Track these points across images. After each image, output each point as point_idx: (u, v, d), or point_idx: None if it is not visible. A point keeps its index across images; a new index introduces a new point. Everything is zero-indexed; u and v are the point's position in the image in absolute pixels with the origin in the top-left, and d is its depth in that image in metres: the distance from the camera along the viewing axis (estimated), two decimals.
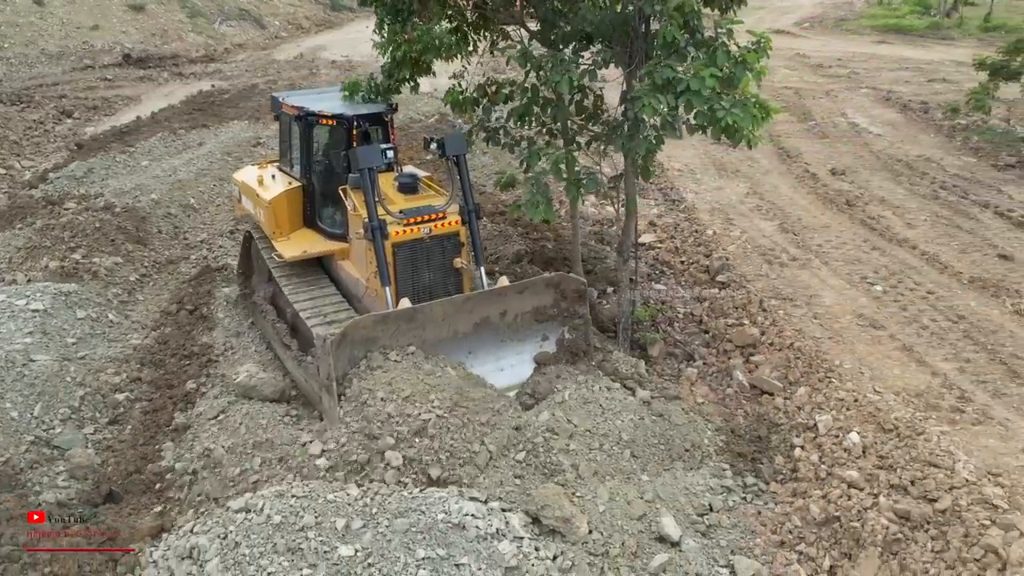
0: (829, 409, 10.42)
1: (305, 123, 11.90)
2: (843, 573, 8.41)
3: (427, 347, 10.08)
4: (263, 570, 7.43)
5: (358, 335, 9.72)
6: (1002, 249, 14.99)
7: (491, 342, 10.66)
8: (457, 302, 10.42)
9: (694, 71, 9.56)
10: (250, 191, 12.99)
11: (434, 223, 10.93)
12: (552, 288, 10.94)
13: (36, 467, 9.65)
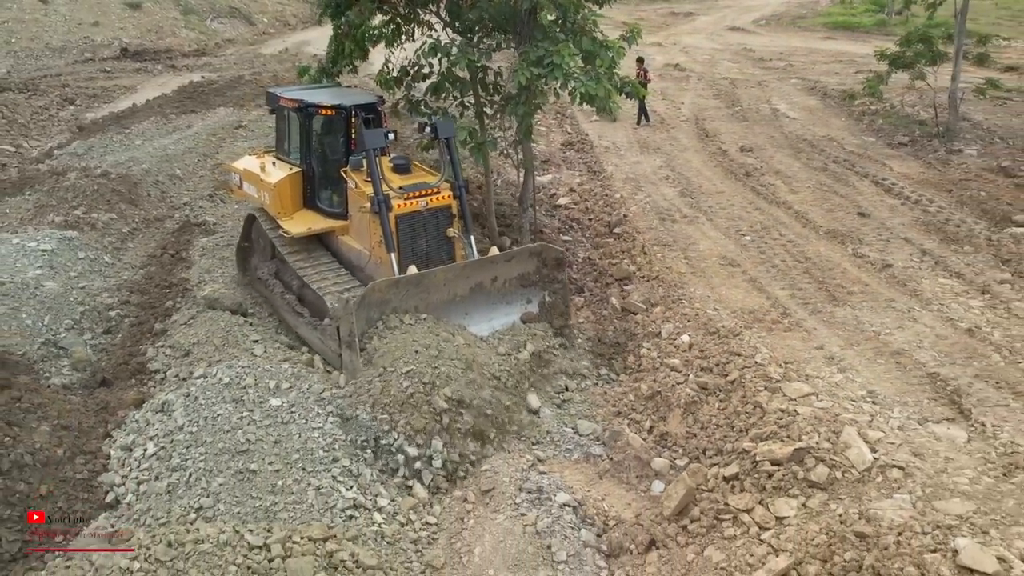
0: (675, 321, 13.13)
1: (305, 114, 13.38)
2: (658, 429, 11.13)
3: (430, 309, 11.64)
4: (215, 414, 10.16)
5: (375, 297, 11.22)
6: (863, 209, 17.67)
7: (484, 304, 12.25)
8: (456, 269, 12.02)
9: (559, 51, 12.21)
10: (253, 177, 14.38)
11: (430, 197, 12.50)
12: (535, 256, 12.61)
13: (46, 360, 12.36)
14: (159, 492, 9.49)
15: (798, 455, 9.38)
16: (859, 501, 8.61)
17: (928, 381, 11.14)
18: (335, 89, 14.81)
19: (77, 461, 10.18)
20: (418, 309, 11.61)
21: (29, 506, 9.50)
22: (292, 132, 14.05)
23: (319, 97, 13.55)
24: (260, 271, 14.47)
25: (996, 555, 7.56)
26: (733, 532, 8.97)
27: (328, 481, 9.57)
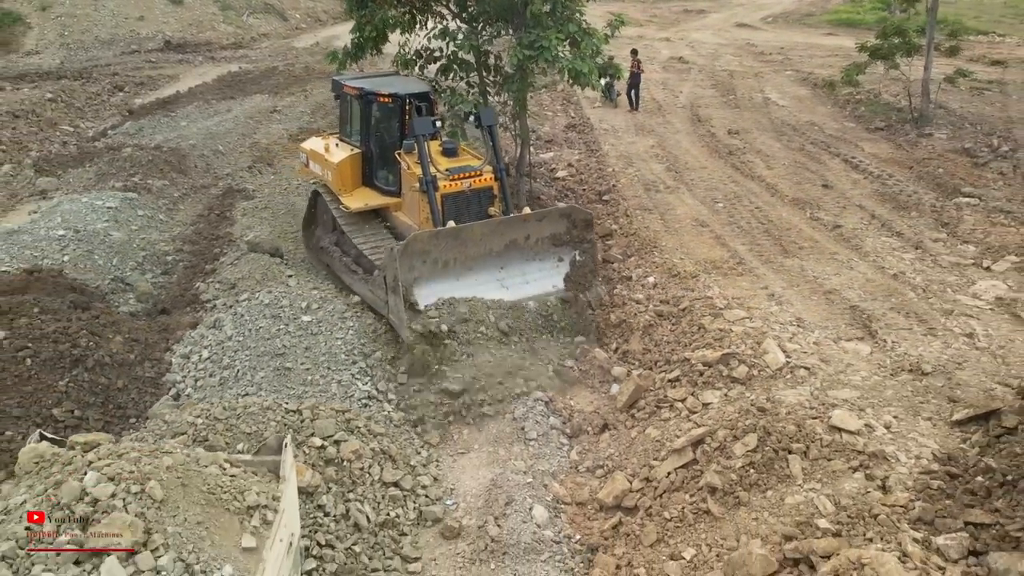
0: (644, 267, 15.37)
1: (365, 101, 14.85)
2: (622, 349, 13.38)
3: (467, 261, 12.82)
4: (257, 327, 12.58)
5: (417, 247, 12.33)
6: (828, 182, 19.80)
7: (518, 260, 13.40)
8: (492, 224, 13.17)
9: (547, 36, 14.49)
10: (318, 156, 15.82)
11: (473, 179, 13.74)
12: (565, 217, 13.71)
13: (115, 293, 14.83)
14: (213, 385, 11.90)
15: (725, 358, 11.62)
16: (768, 391, 10.82)
17: (849, 312, 13.32)
18: (393, 78, 16.38)
19: (145, 364, 12.63)
20: (457, 262, 12.82)
21: (110, 396, 11.97)
22: (353, 117, 15.55)
23: (378, 85, 15.00)
24: (322, 241, 15.94)
25: (864, 423, 9.76)
26: (668, 415, 11.24)
27: (348, 377, 11.95)
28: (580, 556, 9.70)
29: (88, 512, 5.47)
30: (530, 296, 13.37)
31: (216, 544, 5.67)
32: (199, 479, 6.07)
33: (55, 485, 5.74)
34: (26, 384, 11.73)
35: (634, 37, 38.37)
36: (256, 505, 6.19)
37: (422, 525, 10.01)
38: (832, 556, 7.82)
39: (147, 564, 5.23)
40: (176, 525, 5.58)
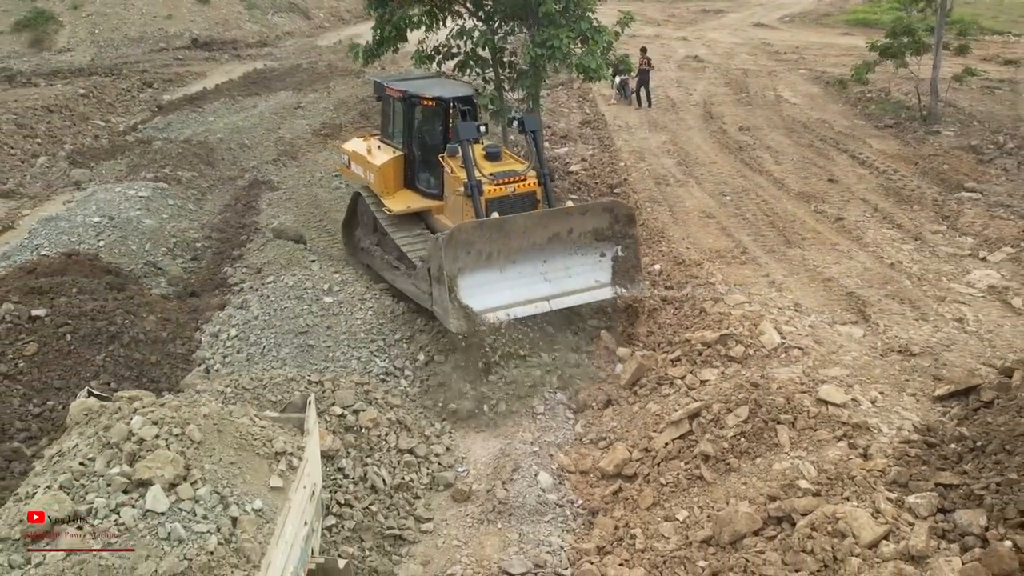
0: (651, 256, 16.02)
1: (408, 103, 14.80)
2: (627, 332, 14.04)
3: (511, 254, 12.75)
4: (282, 307, 13.35)
5: (461, 237, 12.23)
6: (834, 176, 20.36)
7: (561, 254, 13.30)
8: (535, 217, 13.04)
9: (558, 34, 15.17)
10: (360, 158, 15.79)
11: (517, 184, 13.69)
12: (608, 212, 13.53)
13: (148, 276, 15.64)
14: (240, 361, 12.68)
15: (723, 339, 12.27)
16: (762, 369, 11.46)
17: (846, 298, 13.92)
18: (435, 80, 16.39)
19: (177, 342, 13.40)
20: (500, 254, 12.73)
21: (144, 371, 12.76)
22: (396, 118, 15.49)
23: (421, 88, 14.94)
24: (363, 243, 15.92)
25: (851, 397, 10.39)
26: (668, 392, 11.91)
27: (367, 354, 12.70)
28: (581, 519, 10.39)
29: (135, 450, 6.19)
30: (572, 290, 13.30)
31: (247, 482, 6.39)
32: (232, 427, 6.80)
33: (105, 428, 6.48)
34: (66, 358, 12.56)
35: (651, 36, 39.01)
36: (283, 452, 6.91)
37: (434, 489, 10.73)
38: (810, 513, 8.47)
39: (187, 494, 5.95)
40: (212, 464, 6.30)
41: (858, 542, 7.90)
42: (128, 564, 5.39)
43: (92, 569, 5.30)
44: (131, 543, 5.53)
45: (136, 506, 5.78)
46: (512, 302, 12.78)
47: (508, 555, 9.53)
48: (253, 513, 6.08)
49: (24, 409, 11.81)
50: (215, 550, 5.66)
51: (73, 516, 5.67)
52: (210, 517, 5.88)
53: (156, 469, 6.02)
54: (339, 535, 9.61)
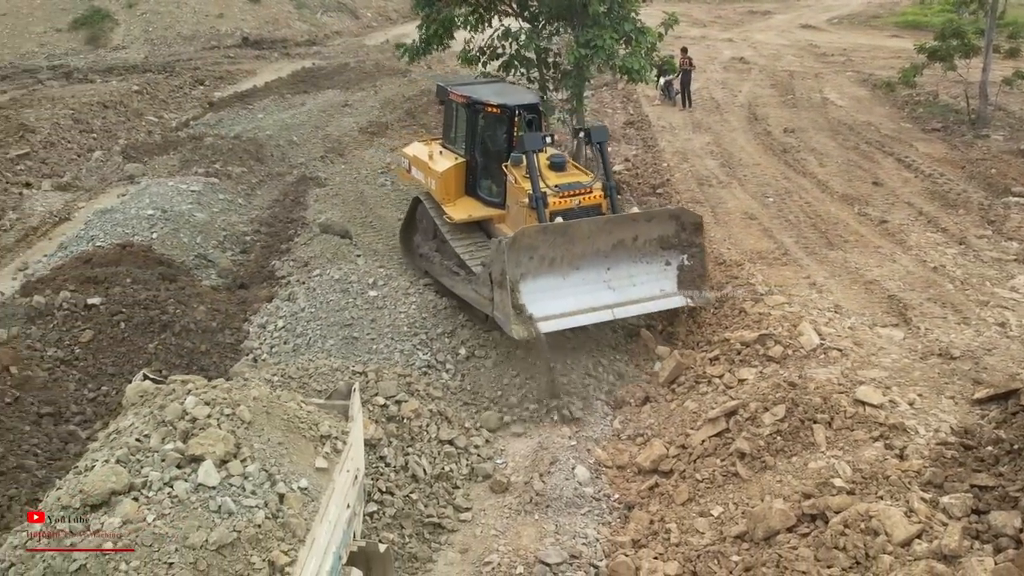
0: None
1: (472, 109, 14.61)
2: (668, 330, 14.16)
3: (574, 259, 12.50)
4: (328, 299, 13.68)
5: (524, 242, 12.01)
6: (879, 179, 20.27)
7: (625, 261, 12.97)
8: (600, 222, 12.74)
9: (602, 35, 15.33)
10: (422, 164, 15.54)
11: (582, 196, 13.40)
12: (674, 220, 13.23)
13: (199, 268, 16.07)
14: (287, 351, 13.01)
15: (762, 339, 12.36)
16: (800, 369, 11.53)
17: (887, 301, 13.91)
18: (499, 85, 16.22)
19: (226, 332, 13.79)
20: (563, 260, 12.45)
21: (194, 359, 13.15)
22: (459, 124, 15.23)
23: (486, 94, 14.78)
24: (422, 248, 15.67)
25: (888, 399, 10.44)
26: (706, 390, 12.03)
27: (409, 347, 12.97)
28: (617, 512, 10.55)
29: (188, 428, 6.50)
30: (635, 299, 13.06)
31: (294, 462, 6.66)
32: (280, 410, 7.09)
33: (160, 408, 6.79)
34: (120, 345, 13.00)
35: (697, 37, 38.98)
36: (328, 435, 7.18)
37: (473, 479, 10.96)
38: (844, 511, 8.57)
39: (237, 471, 6.23)
40: (261, 443, 6.58)
41: (891, 540, 7.98)
42: (180, 533, 5.67)
43: (146, 536, 5.60)
44: (183, 515, 5.81)
45: (188, 480, 6.07)
46: (574, 309, 12.54)
47: (544, 545, 9.73)
48: (299, 491, 6.35)
49: (79, 393, 12.25)
50: (263, 523, 5.92)
51: (129, 488, 5.97)
52: (258, 493, 6.15)
53: (208, 446, 6.31)
54: (380, 521, 9.87)
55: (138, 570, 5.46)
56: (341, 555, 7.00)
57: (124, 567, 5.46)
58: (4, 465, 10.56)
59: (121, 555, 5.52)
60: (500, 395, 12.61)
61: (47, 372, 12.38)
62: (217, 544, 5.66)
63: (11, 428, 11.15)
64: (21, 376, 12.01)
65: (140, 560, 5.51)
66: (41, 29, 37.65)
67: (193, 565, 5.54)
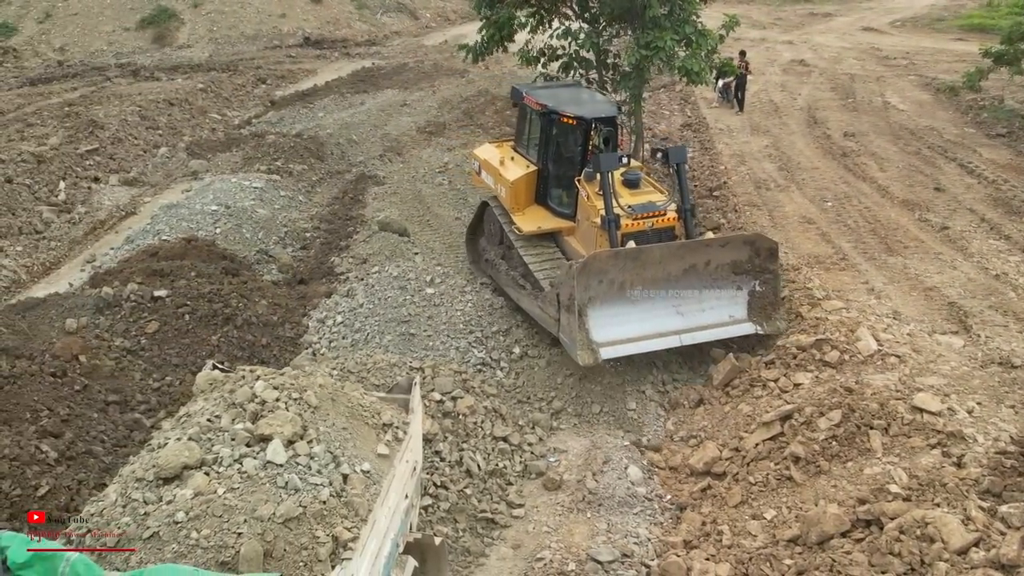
0: None
1: (548, 119, 14.15)
2: None
3: (645, 284, 12.34)
4: (386, 296, 13.92)
5: (595, 266, 11.99)
6: (941, 185, 19.97)
7: (696, 286, 12.75)
8: (672, 248, 12.58)
9: (662, 36, 15.36)
10: (492, 168, 15.22)
11: (655, 219, 12.99)
12: (748, 245, 12.98)
13: (260, 263, 16.43)
14: (345, 346, 13.26)
15: (819, 343, 12.29)
16: (857, 374, 11.47)
17: (947, 308, 13.76)
18: (576, 91, 15.65)
19: (286, 326, 14.10)
20: (633, 284, 12.34)
21: (255, 352, 13.45)
22: (532, 130, 14.86)
23: (562, 103, 14.24)
24: (488, 253, 15.46)
25: (946, 406, 10.34)
26: (760, 394, 12.01)
27: (465, 344, 13.15)
28: (669, 513, 10.61)
29: (257, 409, 6.78)
30: (705, 324, 12.88)
31: (357, 447, 6.88)
32: (344, 398, 7.31)
33: (230, 391, 7.07)
34: (184, 337, 13.37)
35: (756, 39, 38.65)
36: (390, 423, 7.39)
37: (527, 476, 11.09)
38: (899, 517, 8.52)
39: (303, 451, 6.50)
40: (326, 426, 6.83)
41: (947, 547, 7.93)
42: (249, 506, 5.94)
43: (217, 507, 5.88)
44: (251, 489, 6.08)
45: (257, 458, 6.34)
46: (640, 335, 12.44)
47: (596, 543, 9.81)
48: (362, 474, 6.59)
49: (144, 383, 12.62)
50: (327, 500, 6.17)
51: (200, 463, 6.27)
52: (323, 472, 6.39)
53: (276, 426, 6.58)
54: (434, 515, 10.04)
55: (208, 538, 5.74)
56: (398, 543, 7.17)
57: (195, 535, 5.75)
58: (73, 450, 10.92)
59: (192, 523, 5.82)
60: (553, 395, 12.71)
61: (114, 361, 12.76)
62: (284, 517, 5.92)
63: (80, 415, 11.52)
64: (90, 365, 12.39)
65: (211, 529, 5.79)
66: (110, 28, 38.60)
67: (261, 536, 5.79)
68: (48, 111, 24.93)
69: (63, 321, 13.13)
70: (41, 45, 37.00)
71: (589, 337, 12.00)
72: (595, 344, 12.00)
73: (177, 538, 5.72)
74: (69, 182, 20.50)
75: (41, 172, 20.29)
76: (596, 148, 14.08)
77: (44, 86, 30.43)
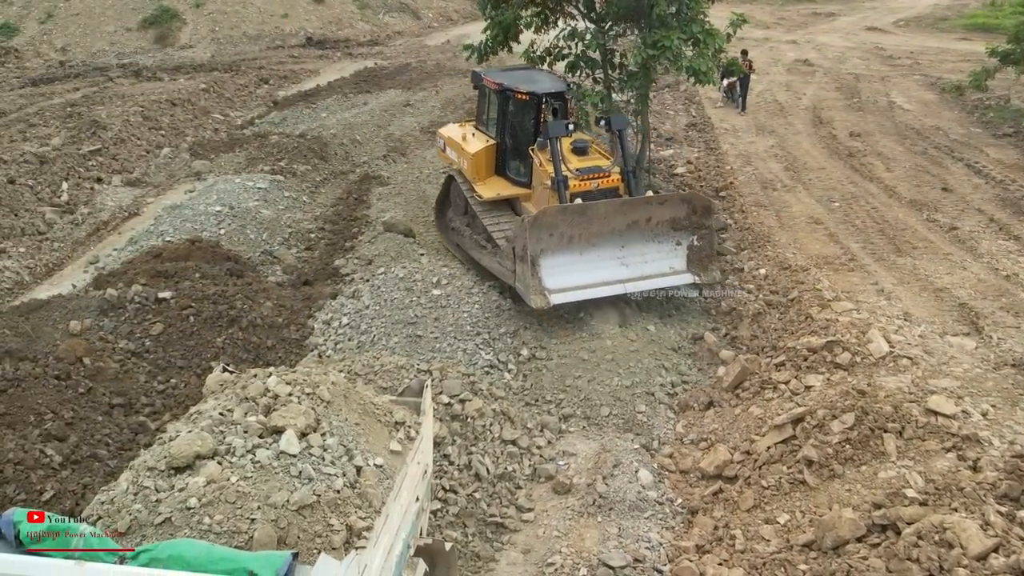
0: (756, 260, 15.95)
1: (503, 97, 15.65)
2: (732, 334, 14.05)
3: (591, 238, 13.53)
4: (392, 298, 13.80)
5: (545, 220, 13.21)
6: (948, 185, 19.85)
7: (639, 241, 14.00)
8: (615, 204, 13.80)
9: (669, 35, 15.23)
10: (455, 144, 16.64)
11: (601, 179, 14.36)
12: (685, 203, 14.20)
13: (264, 265, 16.32)
14: (351, 348, 13.15)
15: (829, 345, 12.18)
16: (870, 376, 11.34)
17: (958, 309, 13.64)
18: (530, 73, 17.07)
19: (291, 328, 13.98)
20: (581, 238, 13.52)
21: (260, 354, 13.34)
22: (490, 109, 16.32)
23: (516, 82, 15.73)
24: (454, 222, 16.88)
25: (961, 409, 10.22)
26: (771, 396, 11.89)
27: (472, 346, 13.02)
28: (681, 517, 10.49)
29: (270, 403, 6.74)
30: (647, 275, 13.97)
31: (370, 442, 6.80)
32: (356, 396, 7.24)
33: (242, 387, 7.00)
34: (189, 339, 13.26)
35: (760, 39, 38.52)
36: (402, 422, 7.33)
37: (536, 480, 10.97)
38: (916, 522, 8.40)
39: (317, 442, 6.45)
40: (339, 421, 6.77)
41: (966, 553, 7.82)
42: (263, 492, 5.89)
43: (230, 494, 5.84)
44: (264, 478, 6.04)
45: (271, 448, 6.28)
46: (589, 283, 13.59)
47: (607, 548, 9.70)
48: (375, 467, 6.55)
49: (149, 385, 12.51)
50: (341, 490, 6.12)
51: (213, 453, 6.21)
52: (337, 464, 6.34)
53: (289, 418, 6.52)
54: (443, 519, 9.94)
55: (221, 524, 5.68)
56: (409, 544, 7.08)
57: (208, 520, 5.69)
58: (78, 454, 10.84)
59: (205, 509, 5.78)
60: (562, 397, 12.60)
61: (118, 364, 12.65)
62: (298, 504, 5.87)
63: (84, 418, 11.44)
64: (94, 367, 12.29)
65: (223, 515, 5.73)
66: (112, 28, 38.48)
67: (274, 522, 5.74)
68: (50, 111, 24.80)
69: (67, 323, 13.02)
70: (43, 45, 36.88)
71: (542, 284, 13.22)
72: (547, 290, 13.23)
73: (190, 523, 5.68)
74: (72, 183, 20.38)
75: (44, 173, 20.16)
76: (545, 122, 15.18)
77: (46, 86, 30.29)
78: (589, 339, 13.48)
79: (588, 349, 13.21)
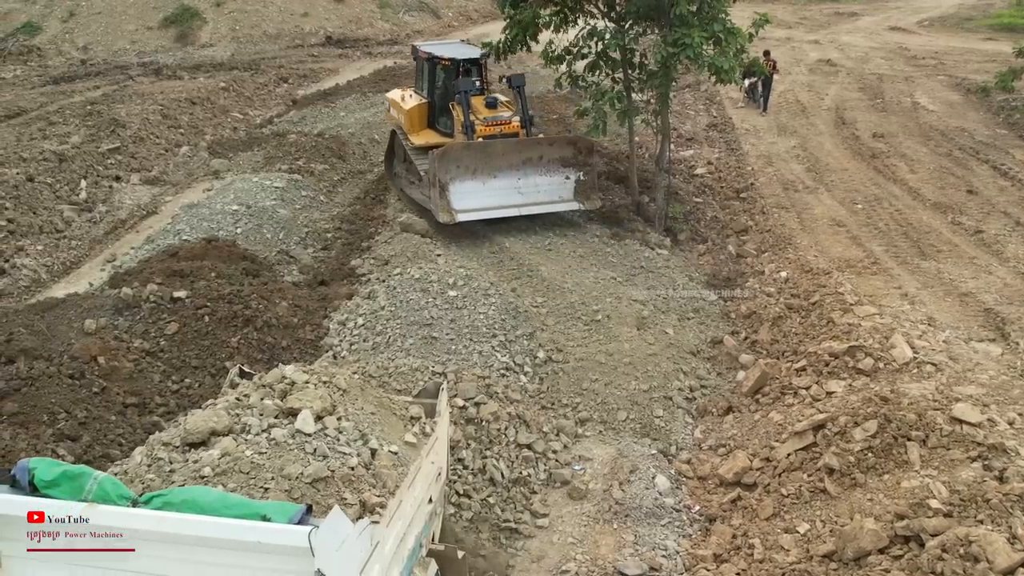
0: (777, 263, 15.73)
1: (431, 63, 18.46)
2: (752, 338, 13.83)
3: (492, 170, 16.52)
4: (408, 299, 13.65)
5: (452, 154, 16.31)
6: (974, 187, 19.54)
7: (533, 173, 16.93)
8: (511, 143, 16.89)
9: (691, 33, 15.01)
10: (396, 104, 19.54)
11: (503, 126, 17.17)
12: (571, 145, 17.23)
13: (281, 264, 16.23)
14: (366, 349, 13.02)
15: (852, 351, 11.96)
16: (892, 383, 11.12)
17: (983, 314, 13.40)
18: (456, 45, 20.78)
19: (306, 328, 13.86)
20: (483, 170, 16.43)
21: (275, 354, 13.24)
22: (423, 74, 19.03)
23: (441, 51, 18.69)
24: (396, 168, 20.02)
25: (986, 417, 9.98)
26: (792, 402, 11.68)
27: (488, 348, 12.86)
28: (698, 524, 10.32)
29: (286, 389, 6.81)
30: (539, 201, 16.85)
31: (385, 432, 6.79)
32: (372, 390, 7.22)
33: (259, 377, 6.99)
34: (204, 339, 13.17)
35: (782, 39, 38.16)
36: (417, 417, 7.31)
37: (551, 485, 10.81)
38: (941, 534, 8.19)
39: (332, 425, 6.52)
40: (355, 409, 6.77)
41: (992, 567, 7.61)
42: (277, 464, 5.95)
43: (244, 465, 5.92)
44: (279, 453, 6.11)
45: (286, 428, 6.36)
46: (490, 206, 16.59)
47: (623, 556, 9.55)
48: (390, 452, 6.60)
49: (163, 385, 12.43)
50: (356, 468, 6.19)
51: (228, 430, 6.28)
52: (352, 446, 6.42)
53: (306, 401, 6.61)
54: (457, 524, 9.77)
55: (235, 492, 5.69)
56: (421, 543, 6.97)
57: (222, 489, 5.69)
58: (91, 454, 10.76)
59: (219, 477, 5.87)
60: (579, 401, 12.43)
61: (133, 363, 12.56)
62: (312, 477, 5.92)
63: (97, 417, 11.37)
64: (108, 367, 12.20)
65: (237, 484, 5.78)
66: (133, 27, 38.59)
67: (288, 493, 5.77)
68: (70, 110, 24.82)
69: (82, 322, 12.95)
70: (65, 44, 37.03)
71: (450, 205, 16.29)
72: (454, 210, 16.31)
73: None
74: (90, 181, 20.38)
75: (63, 171, 20.17)
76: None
77: (67, 85, 30.37)
78: (606, 342, 13.32)
79: (605, 352, 13.04)
